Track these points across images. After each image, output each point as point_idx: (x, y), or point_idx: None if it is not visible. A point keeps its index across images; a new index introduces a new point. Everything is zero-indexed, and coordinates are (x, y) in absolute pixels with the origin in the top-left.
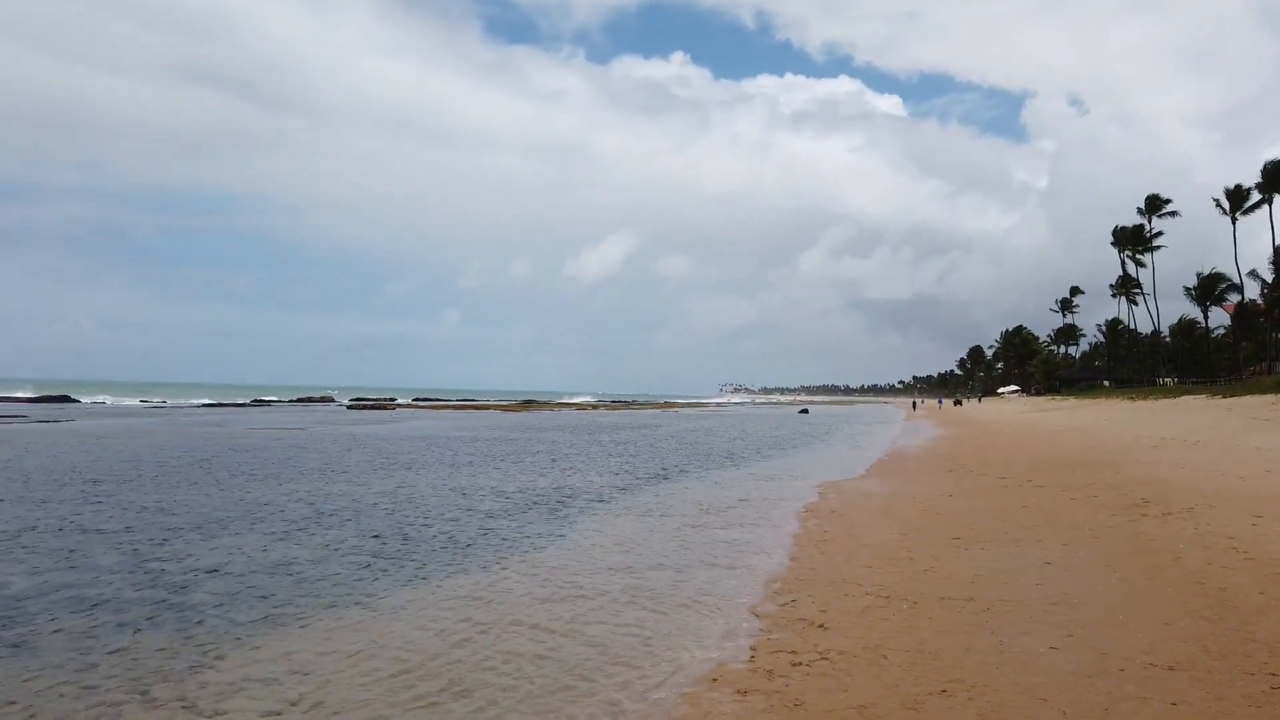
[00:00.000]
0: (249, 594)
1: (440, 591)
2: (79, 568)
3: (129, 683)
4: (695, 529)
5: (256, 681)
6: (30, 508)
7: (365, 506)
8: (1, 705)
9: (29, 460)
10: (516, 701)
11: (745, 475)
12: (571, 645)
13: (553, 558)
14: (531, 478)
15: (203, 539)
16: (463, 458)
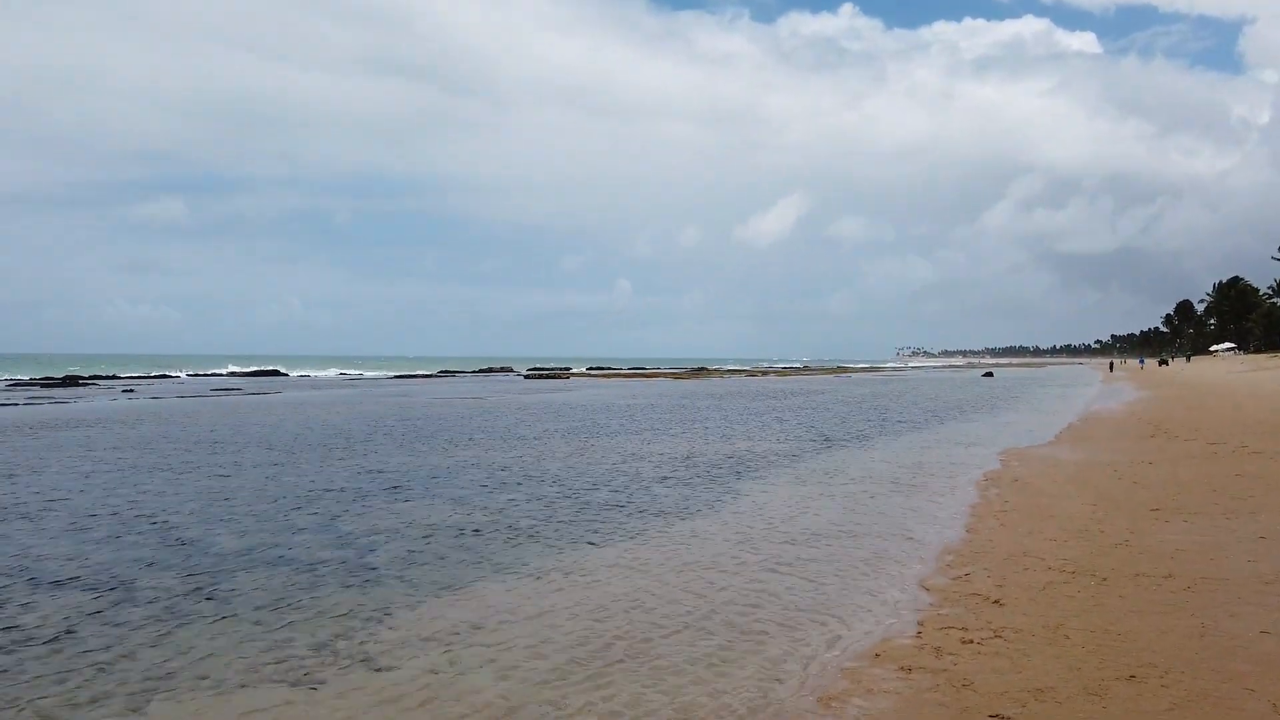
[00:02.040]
0: (426, 556)
1: (608, 557)
2: (277, 528)
3: (311, 637)
4: (865, 498)
5: (429, 640)
6: (241, 472)
7: (538, 472)
8: (202, 656)
9: (246, 429)
10: (675, 668)
11: (920, 442)
12: (731, 615)
13: (717, 525)
14: (699, 444)
15: (386, 502)
16: (632, 425)
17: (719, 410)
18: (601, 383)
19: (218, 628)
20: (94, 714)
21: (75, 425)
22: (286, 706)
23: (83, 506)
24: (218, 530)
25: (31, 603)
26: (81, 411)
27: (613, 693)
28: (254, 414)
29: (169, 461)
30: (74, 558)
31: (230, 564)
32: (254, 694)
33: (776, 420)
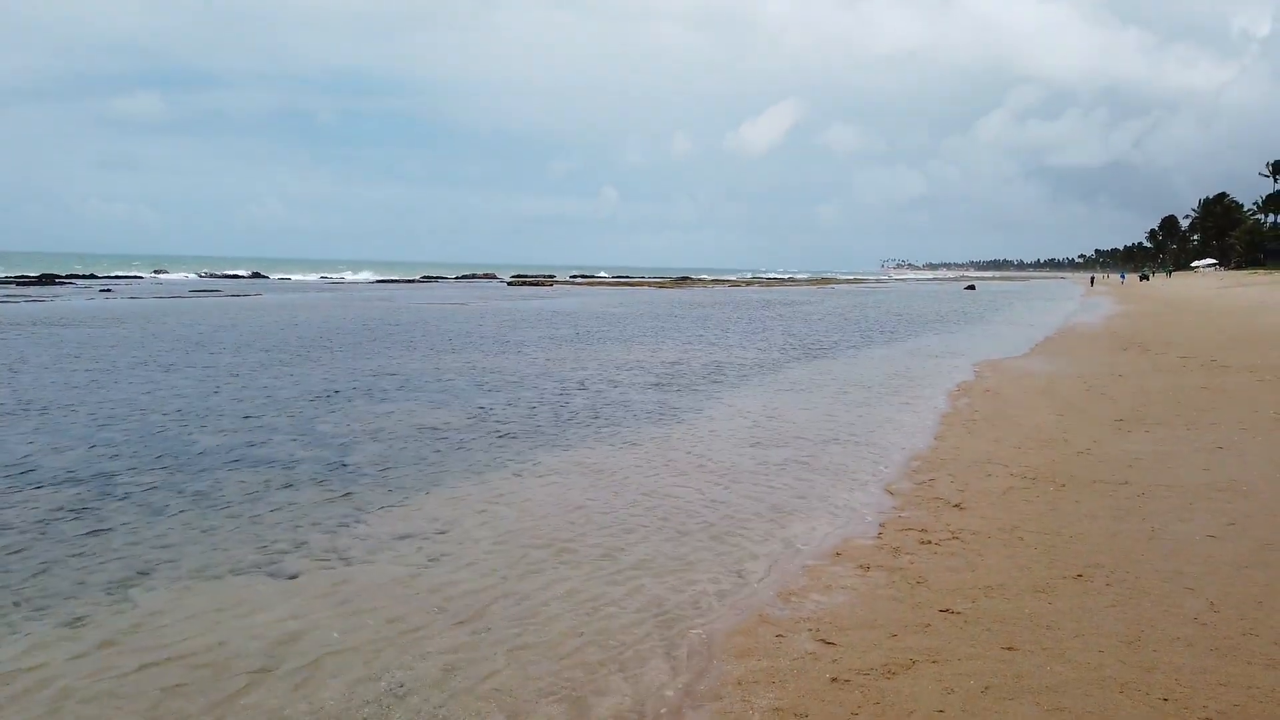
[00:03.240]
0: (402, 457)
1: (580, 460)
2: (256, 428)
3: (291, 533)
4: (838, 406)
5: (403, 538)
6: (217, 374)
7: (517, 377)
8: (183, 548)
9: (225, 331)
10: (640, 563)
11: (897, 353)
12: (698, 516)
13: (691, 431)
14: (679, 353)
15: (365, 404)
16: (613, 333)
17: (700, 320)
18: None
19: (197, 522)
20: (76, 602)
21: (52, 324)
22: (264, 596)
23: (62, 404)
24: (197, 429)
25: (10, 497)
26: (58, 311)
27: (577, 586)
28: (233, 316)
29: (148, 362)
30: (54, 453)
31: (209, 462)
32: (233, 583)
33: (757, 331)
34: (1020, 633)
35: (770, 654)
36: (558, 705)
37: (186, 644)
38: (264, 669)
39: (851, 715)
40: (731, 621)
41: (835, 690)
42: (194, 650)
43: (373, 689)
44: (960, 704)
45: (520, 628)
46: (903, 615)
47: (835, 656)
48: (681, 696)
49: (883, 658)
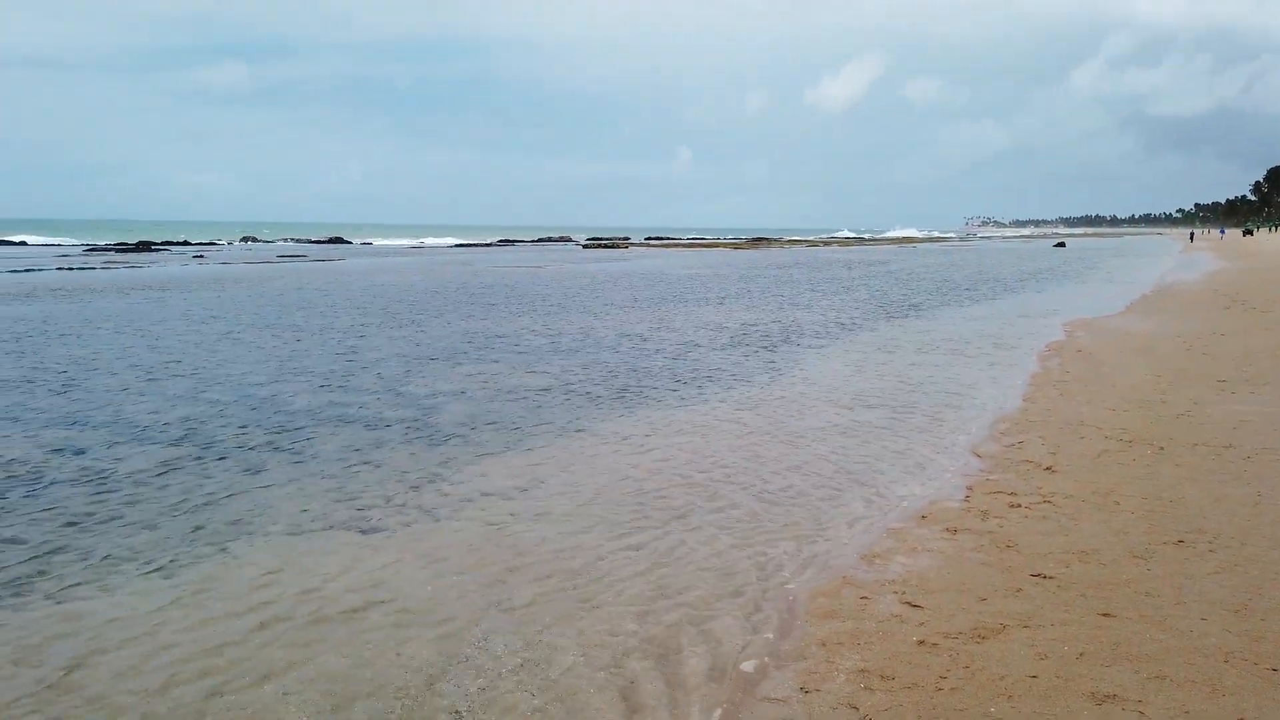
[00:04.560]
0: (486, 416)
1: (660, 421)
2: (346, 388)
3: (379, 489)
4: (921, 366)
5: (487, 496)
6: (308, 336)
7: (595, 339)
8: (277, 504)
9: (313, 295)
10: (720, 524)
11: (982, 313)
12: (779, 476)
13: (769, 392)
14: (757, 314)
15: (449, 366)
16: (689, 294)
17: (778, 280)
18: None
19: (291, 478)
20: (181, 552)
21: (151, 289)
22: (354, 550)
23: (163, 364)
24: (290, 389)
25: (120, 453)
26: (157, 277)
27: (658, 546)
28: (319, 280)
29: (242, 324)
30: (157, 412)
31: (303, 420)
32: (325, 538)
33: (836, 291)
34: (1117, 599)
35: (855, 616)
36: (641, 662)
37: (282, 594)
38: (356, 619)
39: (939, 679)
40: (814, 583)
41: (922, 653)
42: (289, 600)
43: (459, 643)
44: (1054, 670)
45: (601, 586)
46: (992, 579)
47: (922, 619)
48: (765, 656)
49: (971, 622)
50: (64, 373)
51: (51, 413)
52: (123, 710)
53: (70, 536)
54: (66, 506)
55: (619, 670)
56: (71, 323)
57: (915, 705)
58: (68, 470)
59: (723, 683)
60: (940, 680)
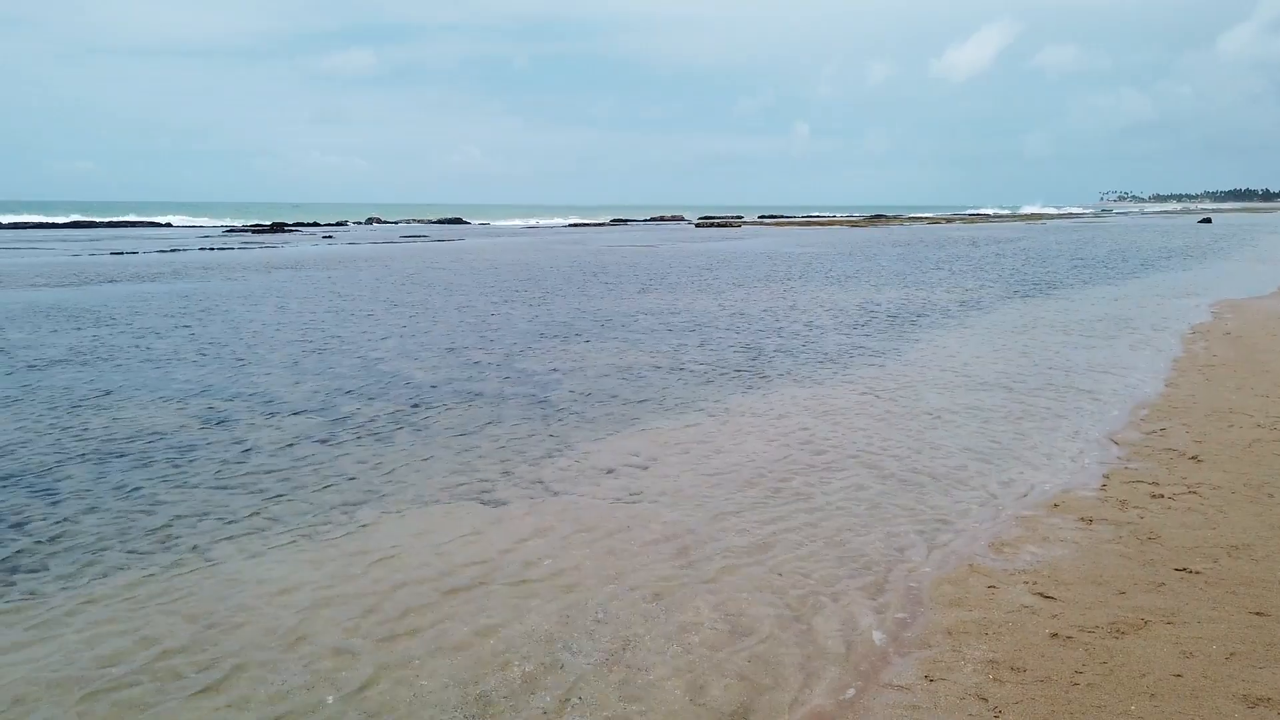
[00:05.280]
0: (601, 394)
1: (775, 402)
2: (467, 364)
3: (497, 463)
4: (1052, 348)
5: (606, 472)
6: (430, 313)
7: (708, 318)
8: (403, 474)
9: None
10: (839, 508)
11: (1119, 292)
12: (902, 460)
13: (890, 373)
14: (875, 293)
15: (564, 343)
16: (805, 273)
17: (898, 259)
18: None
19: (417, 451)
20: (314, 519)
21: (285, 268)
22: (477, 521)
23: (295, 340)
24: (414, 364)
25: (259, 423)
26: (289, 256)
27: (777, 528)
28: (440, 259)
29: (369, 302)
30: (291, 386)
31: (425, 395)
32: (448, 508)
33: (961, 270)
34: (1272, 597)
35: (982, 605)
36: (755, 644)
37: (409, 562)
38: (479, 588)
39: (1075, 673)
40: (939, 570)
41: (1056, 646)
42: (416, 568)
43: (580, 614)
44: (1201, 669)
45: (719, 564)
46: (1132, 572)
47: (1055, 611)
48: (888, 643)
49: (1109, 616)
50: (207, 347)
51: (196, 384)
52: (262, 665)
53: (217, 502)
54: (212, 473)
55: (737, 650)
56: (213, 300)
57: (1048, 699)
58: (212, 439)
59: (844, 667)
60: (1075, 675)
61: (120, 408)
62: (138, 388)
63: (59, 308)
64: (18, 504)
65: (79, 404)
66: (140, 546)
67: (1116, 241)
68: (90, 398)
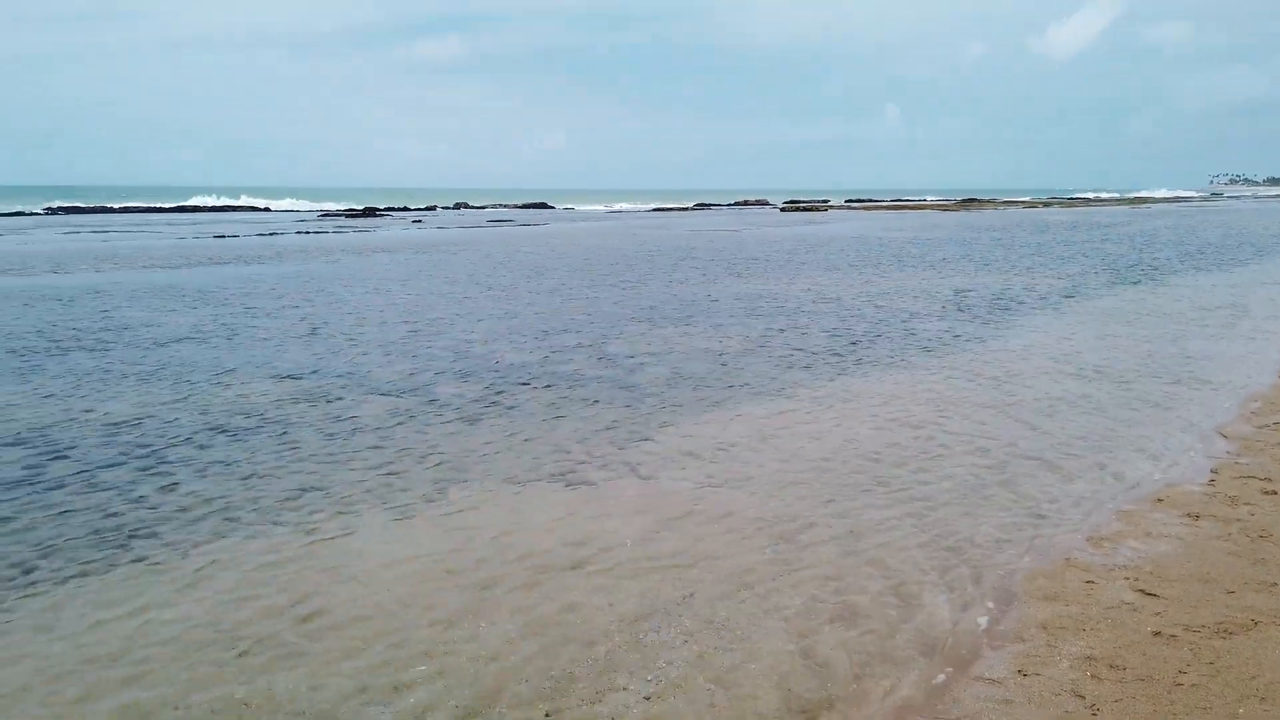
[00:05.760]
0: (686, 378)
1: (864, 388)
2: (553, 347)
3: (585, 445)
4: (1158, 338)
5: (689, 456)
6: (518, 295)
7: (794, 303)
8: (491, 454)
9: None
10: (932, 498)
11: (1231, 280)
12: (995, 449)
13: (984, 360)
14: (967, 278)
15: (649, 327)
16: (893, 258)
17: (993, 243)
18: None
19: (505, 431)
20: (410, 495)
21: (381, 250)
22: (564, 501)
23: (393, 322)
24: (503, 346)
25: (355, 401)
26: (381, 240)
27: (863, 515)
28: (526, 244)
29: (459, 285)
30: (389, 366)
31: (515, 377)
32: (535, 489)
33: (1060, 255)
34: None
35: (1079, 600)
36: (843, 631)
37: (499, 540)
38: (565, 568)
39: (1179, 673)
40: (1034, 563)
41: (1159, 645)
42: (505, 546)
43: (668, 595)
44: None
45: (804, 552)
46: (1242, 571)
47: (1158, 609)
48: (980, 636)
49: (1217, 615)
50: (314, 327)
51: (296, 362)
52: (361, 632)
53: (314, 476)
54: (316, 448)
55: (824, 638)
56: (317, 282)
57: (1150, 699)
58: (311, 416)
59: (934, 658)
60: (1179, 675)
61: (240, 384)
62: (256, 365)
63: (174, 288)
64: (143, 474)
65: (201, 380)
66: (247, 517)
67: (1228, 227)
68: (212, 374)
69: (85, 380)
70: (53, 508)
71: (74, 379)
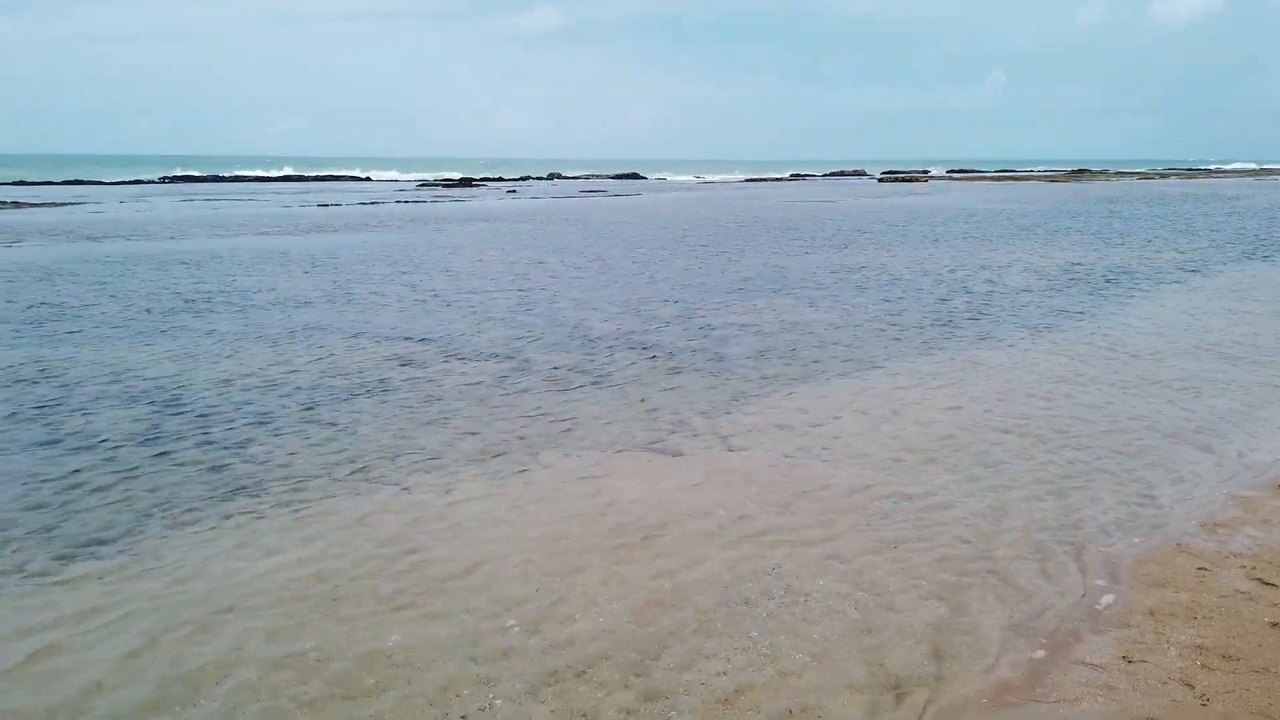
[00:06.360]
0: (777, 350)
1: (963, 363)
2: (643, 318)
3: (674, 414)
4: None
5: (779, 428)
6: (611, 266)
7: (890, 275)
8: (583, 420)
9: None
10: (1032, 475)
11: None
12: (1103, 429)
13: (1090, 337)
14: (1075, 252)
15: (741, 298)
16: (995, 231)
17: (1107, 216)
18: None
19: (596, 399)
20: (502, 458)
21: (480, 220)
22: (653, 468)
23: (487, 289)
24: (594, 315)
25: (449, 366)
26: (480, 209)
27: (961, 493)
28: (619, 214)
29: (554, 254)
30: (482, 331)
31: (604, 346)
32: (625, 456)
33: (1177, 229)
34: None
35: (1190, 587)
36: (937, 608)
37: (587, 504)
38: (654, 533)
39: None
40: (1142, 548)
41: (1276, 636)
42: (594, 510)
43: (755, 566)
44: None
45: (900, 526)
46: None
47: (1276, 599)
48: (1083, 619)
49: None
50: (410, 292)
51: (399, 327)
52: (448, 590)
53: (410, 436)
54: (410, 409)
55: (916, 614)
56: (423, 251)
57: (1265, 691)
58: (412, 378)
59: (1033, 640)
60: None
61: (346, 346)
62: (362, 329)
63: (287, 254)
64: (257, 428)
65: (311, 341)
66: (350, 474)
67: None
68: (320, 336)
69: (212, 340)
70: (172, 459)
71: (209, 339)
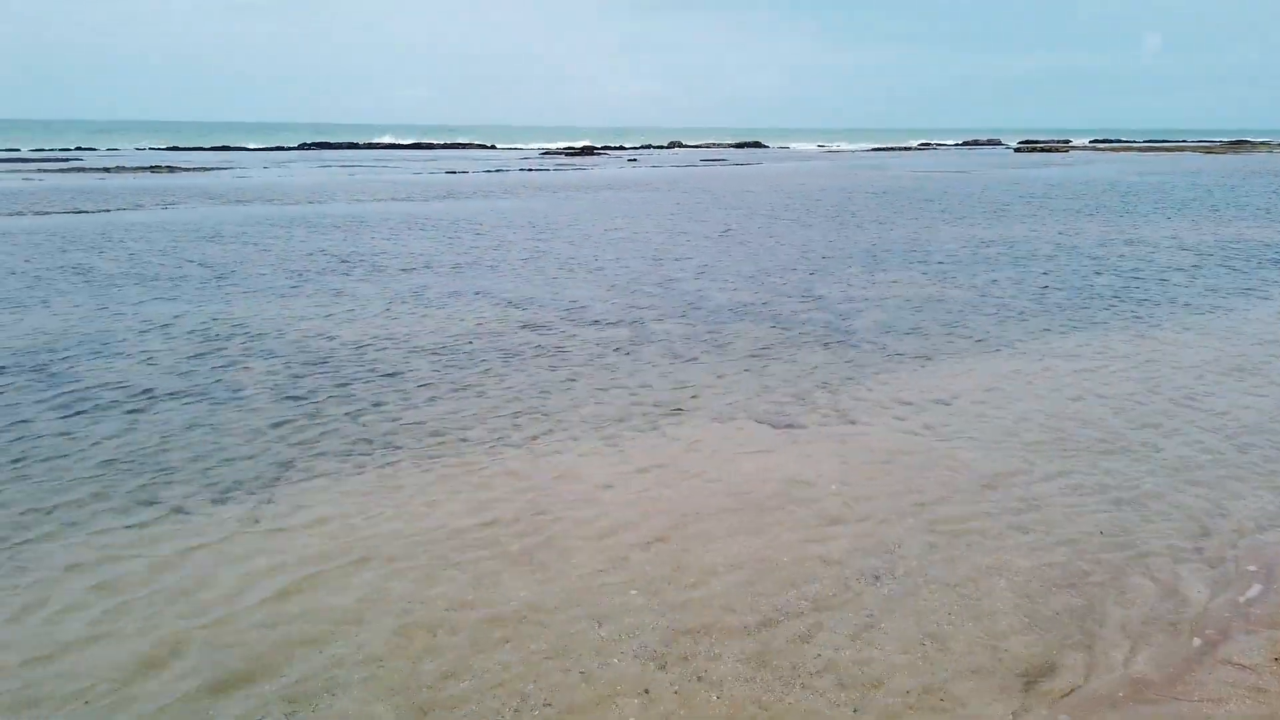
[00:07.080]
0: (902, 325)
1: (1098, 345)
2: (764, 288)
3: (793, 387)
4: None
5: (904, 404)
6: (730, 235)
7: (1026, 251)
8: (702, 391)
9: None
10: (1170, 465)
11: None
12: (1244, 419)
13: (1241, 321)
14: (1234, 229)
15: (865, 271)
16: (1142, 206)
17: (1266, 190)
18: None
19: (713, 369)
20: (622, 424)
21: (603, 188)
22: (771, 442)
23: (609, 257)
24: (715, 285)
25: (569, 331)
26: (602, 177)
27: (1095, 481)
28: (740, 183)
29: (675, 222)
30: (603, 299)
31: (724, 316)
32: (744, 426)
33: None
34: None
35: None
36: (1071, 598)
37: (707, 475)
38: (776, 507)
39: None
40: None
41: None
42: (710, 480)
43: (875, 544)
44: None
45: (1028, 511)
46: None
47: None
48: (1231, 617)
49: None
50: (534, 259)
51: (515, 292)
52: (567, 545)
53: (536, 400)
54: (532, 374)
55: (1045, 602)
56: (552, 218)
57: None
58: (535, 343)
59: (1174, 635)
60: None
61: (472, 311)
62: (488, 294)
63: (422, 219)
64: (388, 389)
65: (441, 305)
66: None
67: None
68: (448, 300)
69: (354, 301)
70: (307, 415)
71: (351, 300)
